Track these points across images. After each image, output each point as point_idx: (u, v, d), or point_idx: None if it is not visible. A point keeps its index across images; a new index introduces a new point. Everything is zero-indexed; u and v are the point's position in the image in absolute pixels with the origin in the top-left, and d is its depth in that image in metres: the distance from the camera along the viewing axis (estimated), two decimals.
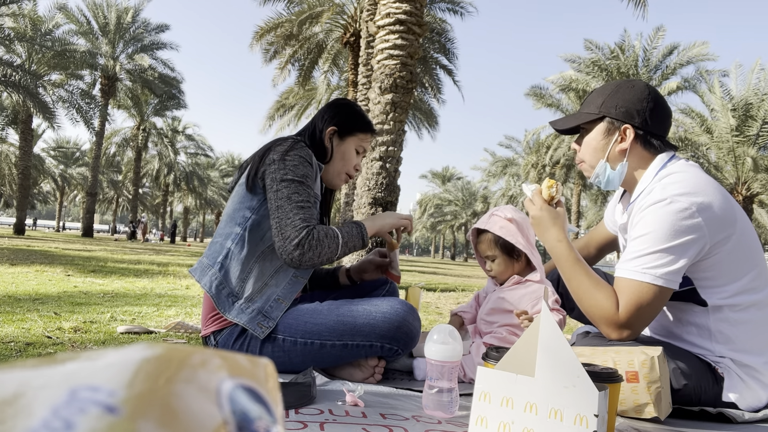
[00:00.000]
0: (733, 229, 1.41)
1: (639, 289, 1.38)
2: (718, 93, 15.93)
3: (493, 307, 1.82)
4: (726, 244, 1.41)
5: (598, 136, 1.57)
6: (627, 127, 1.52)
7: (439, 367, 1.28)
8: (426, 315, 3.93)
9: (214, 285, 1.61)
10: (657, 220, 1.38)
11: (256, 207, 1.64)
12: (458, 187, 51.00)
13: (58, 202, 45.32)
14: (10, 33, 17.08)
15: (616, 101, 1.53)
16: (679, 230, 1.36)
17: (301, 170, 1.61)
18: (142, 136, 30.25)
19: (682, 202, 1.37)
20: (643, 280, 1.38)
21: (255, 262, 1.63)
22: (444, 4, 15.35)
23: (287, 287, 1.64)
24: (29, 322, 2.47)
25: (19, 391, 0.22)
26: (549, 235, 1.55)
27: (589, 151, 1.59)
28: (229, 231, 1.66)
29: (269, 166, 1.61)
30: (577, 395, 0.94)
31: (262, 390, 0.28)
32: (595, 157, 1.58)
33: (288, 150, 1.62)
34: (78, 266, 6.26)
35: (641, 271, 1.38)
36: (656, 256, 1.37)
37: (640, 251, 1.40)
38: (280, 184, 1.58)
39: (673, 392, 1.41)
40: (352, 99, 13.68)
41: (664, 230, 1.37)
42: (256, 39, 15.48)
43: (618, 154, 1.55)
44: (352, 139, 1.81)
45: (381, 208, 6.69)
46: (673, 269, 1.37)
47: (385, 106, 6.66)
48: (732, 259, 1.42)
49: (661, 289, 1.38)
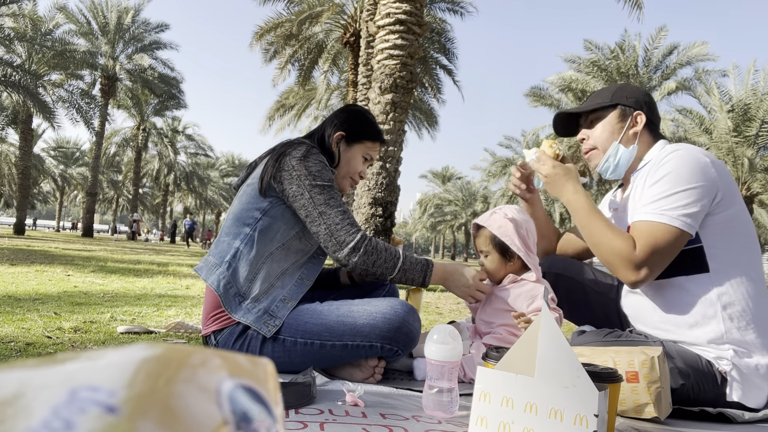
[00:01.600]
0: (738, 198, 1.51)
1: (656, 230, 1.44)
2: (716, 94, 15.94)
3: (490, 306, 1.82)
4: (732, 206, 1.48)
5: (612, 120, 1.68)
6: (639, 113, 1.66)
7: (439, 367, 1.28)
8: (426, 315, 3.94)
9: (222, 284, 1.61)
10: (674, 165, 1.47)
11: (267, 209, 1.64)
12: (458, 186, 50.98)
13: (58, 202, 45.33)
14: (10, 33, 17.09)
15: (625, 93, 1.69)
16: (694, 175, 1.45)
17: (327, 175, 1.63)
18: (142, 136, 30.25)
19: (695, 152, 1.49)
20: (660, 221, 1.44)
21: (263, 263, 1.63)
22: (444, 4, 15.36)
23: (293, 288, 1.65)
24: (29, 322, 2.47)
25: (19, 391, 0.22)
26: (565, 189, 1.64)
27: (603, 135, 1.69)
28: (237, 231, 1.66)
29: (288, 172, 1.61)
30: (577, 395, 0.94)
31: (262, 390, 0.28)
32: (609, 140, 1.68)
33: (306, 155, 1.62)
34: (78, 266, 6.26)
35: (659, 212, 1.45)
36: (673, 199, 1.44)
37: (657, 195, 1.47)
38: (312, 191, 1.59)
39: (671, 391, 1.41)
40: (351, 99, 13.72)
41: (680, 174, 1.45)
42: (256, 39, 15.48)
43: (631, 137, 1.67)
44: (360, 146, 1.81)
45: (381, 207, 6.69)
46: (690, 212, 1.43)
47: (385, 106, 6.66)
48: (734, 221, 1.49)
49: (678, 231, 1.43)
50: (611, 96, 1.70)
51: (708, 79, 16.85)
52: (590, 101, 1.75)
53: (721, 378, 1.45)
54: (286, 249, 1.67)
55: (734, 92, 16.15)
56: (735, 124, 15.63)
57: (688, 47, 18.56)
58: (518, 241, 1.76)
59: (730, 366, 1.45)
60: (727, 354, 1.46)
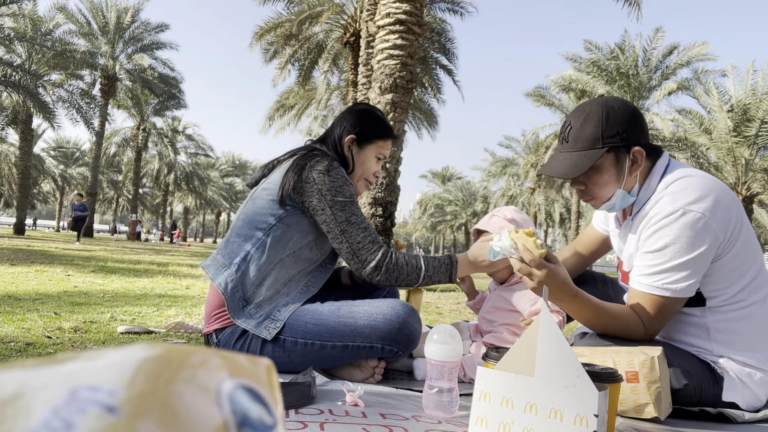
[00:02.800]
0: (740, 228, 1.44)
1: (661, 303, 1.44)
2: (714, 94, 15.94)
3: (493, 305, 1.82)
4: (735, 243, 1.43)
5: (609, 170, 1.50)
6: (637, 150, 1.48)
7: (439, 367, 1.28)
8: (426, 315, 3.93)
9: (230, 286, 1.61)
10: (672, 234, 1.40)
11: (283, 216, 1.64)
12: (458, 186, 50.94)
13: (58, 202, 45.31)
14: (10, 33, 17.08)
15: (613, 128, 1.46)
16: (695, 242, 1.39)
17: (349, 189, 1.63)
18: (142, 136, 30.21)
19: (694, 211, 1.38)
20: (664, 295, 1.43)
21: (272, 270, 1.63)
22: (444, 4, 15.34)
23: (297, 295, 1.66)
24: (29, 322, 2.47)
25: (19, 391, 0.22)
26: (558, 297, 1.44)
27: (603, 187, 1.53)
28: (249, 234, 1.65)
29: (309, 185, 1.61)
30: (577, 395, 0.94)
31: (262, 390, 0.28)
32: (610, 189, 1.52)
33: (329, 168, 1.62)
34: (78, 266, 6.26)
35: (662, 286, 1.42)
36: (675, 272, 1.41)
37: (659, 266, 1.43)
38: (334, 207, 1.60)
39: (674, 392, 1.42)
40: (351, 99, 13.72)
41: (681, 244, 1.39)
42: (256, 39, 15.47)
43: (633, 179, 1.52)
44: (372, 146, 1.80)
45: (381, 207, 6.69)
46: (693, 282, 1.42)
47: (385, 106, 6.66)
48: (737, 257, 1.44)
49: (681, 300, 1.44)
50: (599, 136, 1.45)
51: (707, 80, 16.84)
52: (573, 143, 1.49)
53: (719, 378, 1.46)
54: (296, 257, 1.66)
55: (733, 92, 16.14)
56: (735, 124, 15.63)
57: (688, 47, 18.55)
58: None
59: (725, 370, 1.47)
60: (722, 360, 1.48)
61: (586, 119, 1.49)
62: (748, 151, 15.42)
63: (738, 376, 1.46)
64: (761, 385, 1.47)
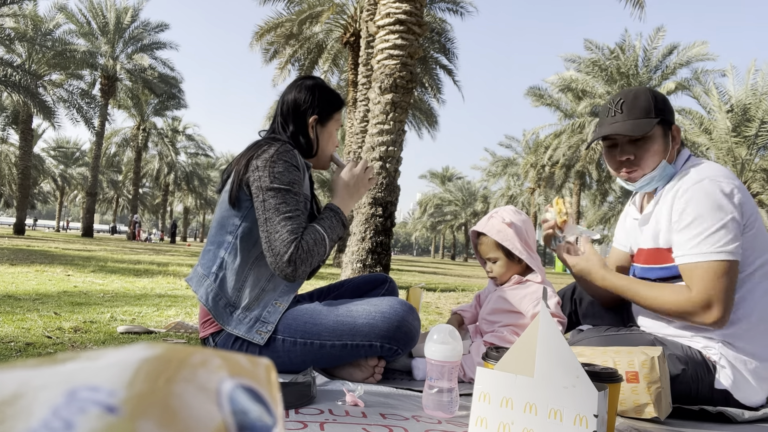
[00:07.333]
0: (756, 218, 1.51)
1: (717, 268, 1.44)
2: (714, 94, 15.95)
3: (494, 307, 1.82)
4: (755, 224, 1.49)
5: (659, 139, 1.61)
6: (675, 128, 1.64)
7: (439, 367, 1.28)
8: (426, 315, 3.93)
9: (211, 297, 1.60)
10: (705, 201, 1.46)
11: (245, 214, 1.61)
12: (458, 186, 50.94)
13: (58, 202, 45.31)
14: (10, 33, 17.08)
15: (661, 105, 1.61)
16: (727, 207, 1.45)
17: (287, 177, 1.56)
18: (142, 136, 30.21)
19: (722, 182, 1.48)
20: (719, 259, 1.43)
21: (250, 270, 1.61)
22: (444, 4, 15.35)
23: (284, 290, 1.63)
24: (29, 322, 2.47)
25: (19, 391, 0.22)
26: (594, 277, 1.65)
27: (652, 156, 1.61)
28: (221, 239, 1.64)
29: (253, 173, 1.57)
30: (577, 395, 0.94)
31: (262, 390, 0.28)
32: (656, 159, 1.61)
33: (273, 156, 1.57)
34: (78, 266, 6.25)
35: (715, 251, 1.44)
36: (720, 235, 1.44)
37: (703, 233, 1.45)
38: (266, 194, 1.54)
39: (672, 379, 1.42)
40: (351, 99, 13.71)
41: (715, 209, 1.45)
42: (256, 39, 15.48)
43: (673, 153, 1.65)
44: (332, 122, 1.78)
45: (381, 207, 6.69)
46: (734, 245, 1.44)
47: (385, 106, 6.66)
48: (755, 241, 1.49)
49: (728, 263, 1.44)
50: (653, 109, 1.58)
51: (707, 80, 16.85)
52: (628, 112, 1.60)
53: (712, 366, 1.47)
54: None
55: (733, 92, 16.15)
56: (734, 124, 15.64)
57: (688, 47, 18.57)
58: (519, 244, 1.75)
59: (719, 356, 1.48)
60: (716, 345, 1.49)
61: (636, 96, 1.63)
62: (748, 152, 15.42)
63: (731, 360, 1.47)
64: (755, 375, 1.47)
